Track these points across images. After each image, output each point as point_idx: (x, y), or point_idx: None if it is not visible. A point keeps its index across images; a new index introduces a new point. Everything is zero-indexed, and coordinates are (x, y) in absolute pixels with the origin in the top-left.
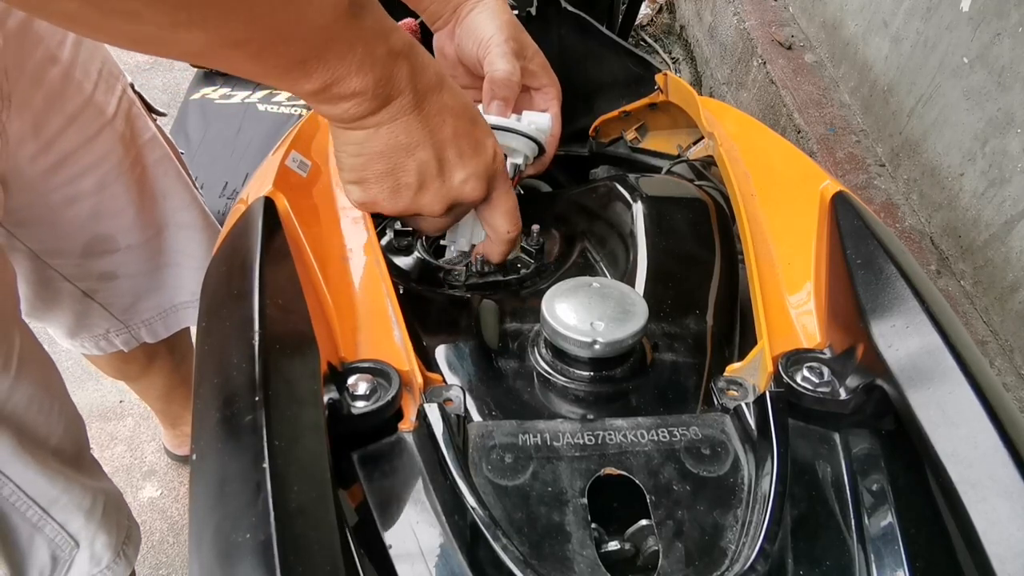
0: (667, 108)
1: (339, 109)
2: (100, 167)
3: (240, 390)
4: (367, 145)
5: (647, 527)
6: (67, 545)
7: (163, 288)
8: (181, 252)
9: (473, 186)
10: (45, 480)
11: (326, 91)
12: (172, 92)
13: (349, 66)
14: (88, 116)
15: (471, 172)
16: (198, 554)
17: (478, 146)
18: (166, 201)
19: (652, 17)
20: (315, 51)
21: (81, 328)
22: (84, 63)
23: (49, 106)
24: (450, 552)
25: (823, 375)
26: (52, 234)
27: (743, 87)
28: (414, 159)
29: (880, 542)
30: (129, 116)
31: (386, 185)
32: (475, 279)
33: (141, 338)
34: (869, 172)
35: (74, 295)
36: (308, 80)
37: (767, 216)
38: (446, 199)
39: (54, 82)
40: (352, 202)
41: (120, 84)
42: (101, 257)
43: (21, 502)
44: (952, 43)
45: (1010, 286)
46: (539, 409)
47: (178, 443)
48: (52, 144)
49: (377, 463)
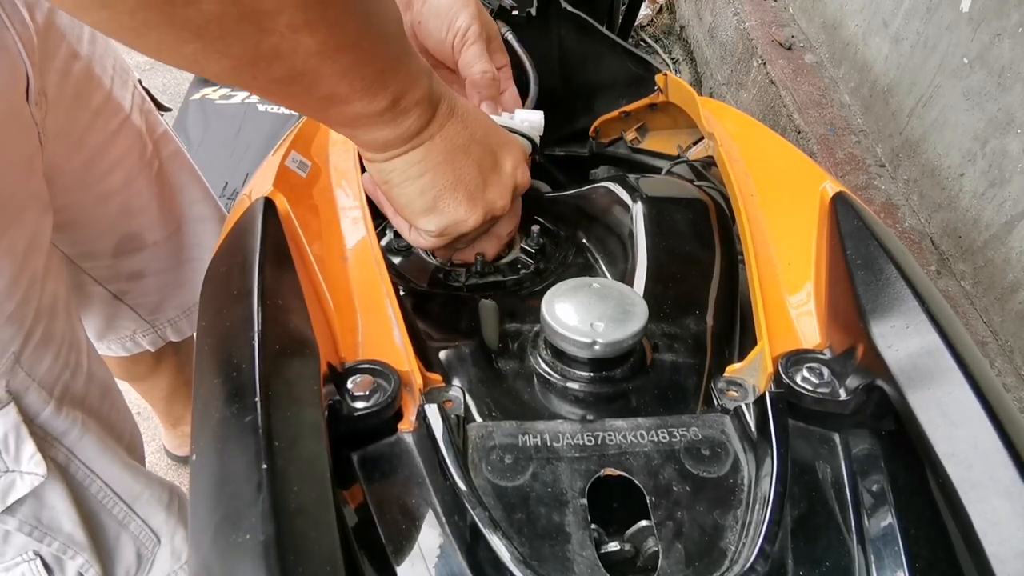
0: (667, 108)
1: (402, 127)
2: (124, 163)
3: (240, 390)
4: (429, 159)
5: (647, 528)
6: (150, 542)
7: (186, 285)
8: (200, 246)
9: (523, 171)
10: (129, 476)
11: (395, 106)
12: (172, 92)
13: (412, 77)
14: (110, 111)
15: (517, 158)
16: (198, 554)
17: (506, 137)
18: (182, 195)
19: (652, 17)
20: (392, 61)
21: (109, 330)
22: (100, 58)
23: (76, 102)
24: (450, 552)
25: (823, 376)
26: (86, 235)
27: (743, 87)
28: (471, 157)
29: (880, 542)
30: (143, 111)
31: (460, 195)
32: (475, 279)
33: (167, 337)
34: (869, 172)
35: (104, 299)
36: (384, 93)
37: (767, 216)
38: (509, 188)
39: (79, 77)
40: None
41: (131, 80)
42: (130, 256)
43: (108, 499)
44: (952, 43)
45: (1010, 286)
46: (539, 410)
47: (178, 443)
48: (83, 141)
49: (377, 464)
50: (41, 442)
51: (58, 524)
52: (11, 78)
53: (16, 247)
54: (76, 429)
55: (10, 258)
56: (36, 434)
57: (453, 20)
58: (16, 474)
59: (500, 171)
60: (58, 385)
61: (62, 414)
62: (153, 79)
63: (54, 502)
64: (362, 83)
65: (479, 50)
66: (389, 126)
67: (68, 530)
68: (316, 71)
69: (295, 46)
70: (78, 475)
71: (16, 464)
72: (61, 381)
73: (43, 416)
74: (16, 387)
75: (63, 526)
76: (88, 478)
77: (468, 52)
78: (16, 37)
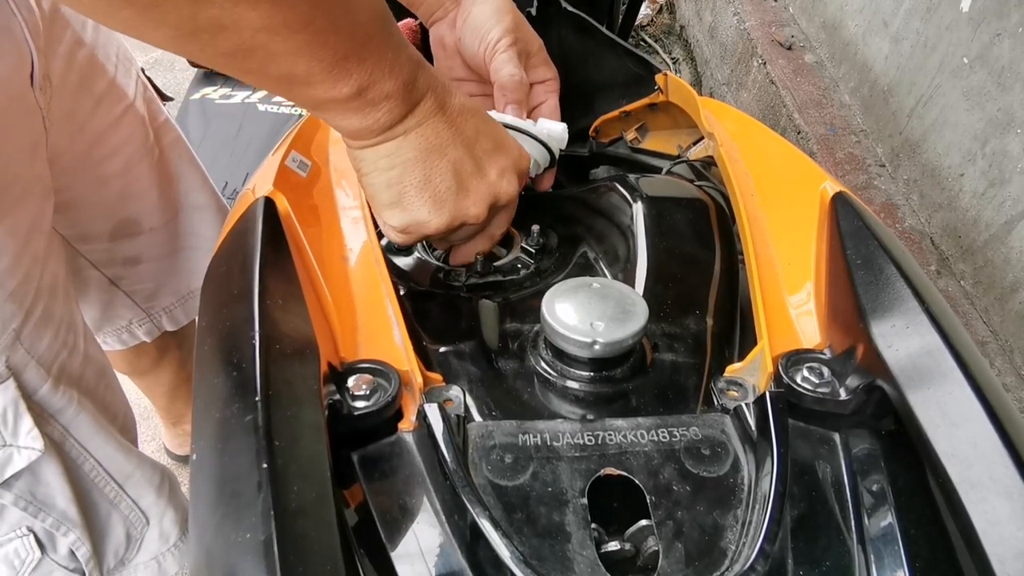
0: (667, 108)
1: (370, 119)
2: (125, 148)
3: (240, 390)
4: (399, 154)
5: (647, 527)
6: (139, 522)
7: (181, 272)
8: (196, 234)
9: (509, 180)
10: (121, 456)
11: (361, 96)
12: (172, 91)
13: (383, 68)
14: (113, 98)
15: (505, 166)
16: (198, 554)
17: (503, 143)
18: (180, 183)
19: (652, 17)
20: (357, 48)
21: (105, 320)
22: (104, 46)
23: (80, 88)
24: (450, 552)
25: (823, 375)
26: (84, 217)
27: (743, 87)
28: (447, 159)
29: (880, 542)
30: (146, 99)
31: (426, 196)
32: (475, 279)
33: (163, 326)
34: (869, 172)
35: (100, 283)
36: (347, 81)
37: (767, 216)
38: (487, 197)
39: (83, 63)
40: (394, 232)
41: (135, 68)
42: (127, 240)
43: (100, 478)
44: (952, 43)
45: (1010, 286)
46: (539, 409)
47: (178, 443)
48: (86, 126)
49: (377, 463)
50: (38, 418)
51: (52, 500)
52: (16, 63)
53: (19, 228)
54: (72, 407)
55: (13, 239)
56: (33, 410)
57: (486, 34)
58: (14, 448)
59: (480, 178)
60: (56, 363)
61: (59, 392)
62: (153, 78)
63: (49, 478)
64: (321, 66)
65: (508, 57)
66: (356, 115)
67: (62, 507)
68: (267, 48)
69: (238, 19)
70: (72, 452)
71: (14, 439)
72: (59, 360)
73: (41, 393)
74: (16, 363)
75: (57, 502)
76: (82, 456)
77: (497, 59)
78: (22, 22)
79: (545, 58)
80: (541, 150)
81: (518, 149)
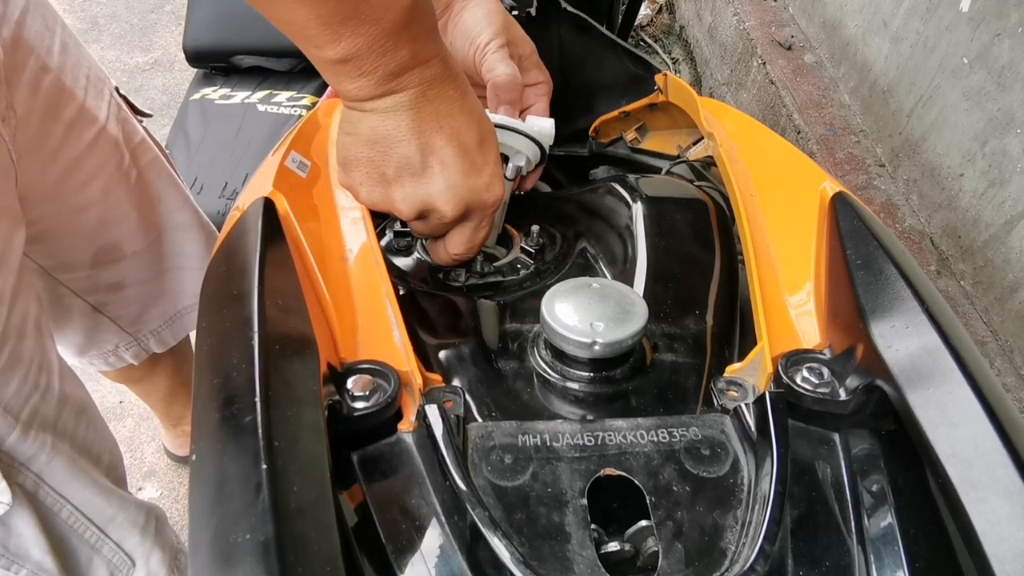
0: (667, 108)
1: (354, 85)
2: (101, 174)
3: (240, 390)
4: (358, 126)
5: (647, 528)
6: (124, 565)
7: (167, 294)
8: (180, 254)
9: (448, 200)
10: (102, 499)
11: (346, 63)
12: (172, 92)
13: (373, 46)
14: (84, 122)
15: (452, 187)
16: (198, 555)
17: (473, 170)
18: (161, 203)
19: (652, 17)
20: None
21: (90, 345)
22: (72, 69)
23: (48, 115)
24: (450, 552)
25: (823, 376)
26: (63, 247)
27: (743, 87)
28: (396, 152)
29: (880, 542)
30: (119, 120)
31: (365, 171)
32: (475, 279)
33: (151, 349)
34: (869, 172)
35: (84, 311)
36: (337, 43)
37: (767, 216)
38: (416, 203)
39: (49, 91)
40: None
41: (107, 89)
42: (109, 266)
43: (80, 524)
44: (952, 43)
45: (1010, 286)
46: (539, 410)
47: (178, 444)
48: (57, 154)
49: (377, 464)
50: (7, 468)
51: (26, 551)
52: None
53: None
54: (45, 453)
55: None
56: (1, 461)
57: (476, 36)
58: None
59: (418, 181)
60: (26, 408)
61: (29, 438)
62: (153, 79)
63: (21, 529)
64: (317, 22)
65: (500, 57)
66: (333, 78)
67: (37, 557)
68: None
69: None
70: (47, 500)
71: None
72: (30, 404)
73: (9, 442)
74: None
75: (31, 553)
76: (58, 503)
77: (489, 59)
78: None
79: (537, 61)
80: (533, 148)
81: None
